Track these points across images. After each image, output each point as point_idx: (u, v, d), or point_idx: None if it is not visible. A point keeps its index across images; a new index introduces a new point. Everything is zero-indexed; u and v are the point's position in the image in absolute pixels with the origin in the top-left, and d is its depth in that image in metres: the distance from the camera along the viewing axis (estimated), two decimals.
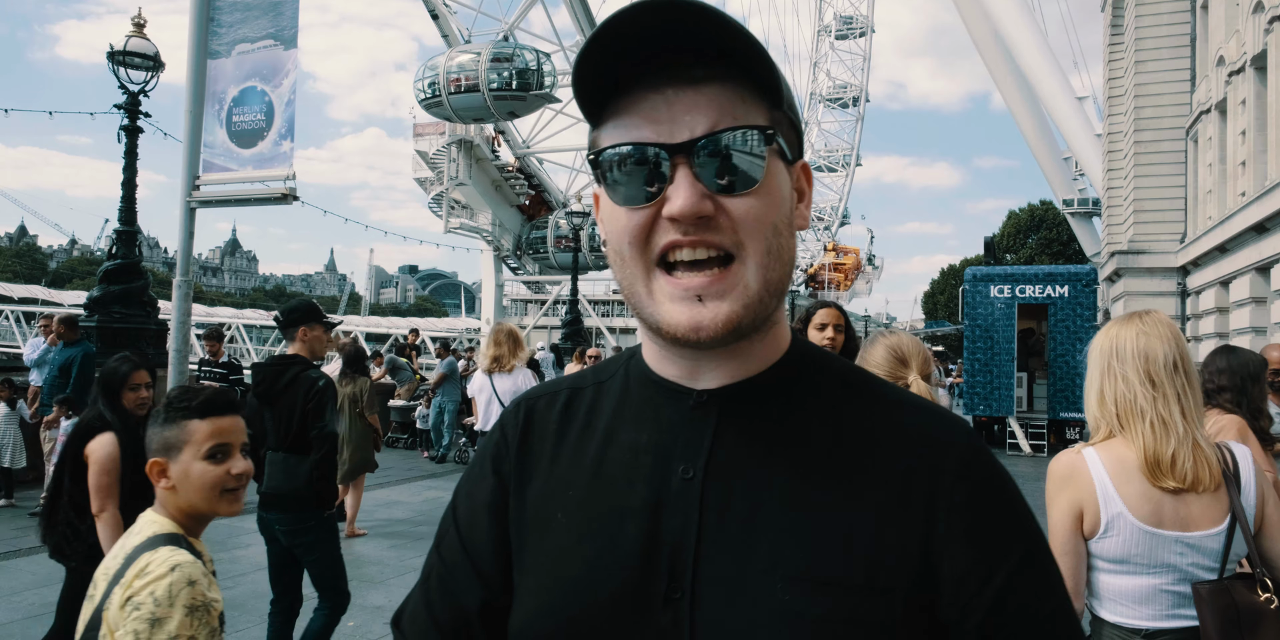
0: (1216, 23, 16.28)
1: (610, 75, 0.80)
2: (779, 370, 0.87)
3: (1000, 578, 0.77)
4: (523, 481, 0.92)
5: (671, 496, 0.82)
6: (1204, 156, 17.01)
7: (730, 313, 0.78)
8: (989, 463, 0.83)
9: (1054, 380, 14.67)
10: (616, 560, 0.82)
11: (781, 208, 0.81)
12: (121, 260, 11.49)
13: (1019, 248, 54.50)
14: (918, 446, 0.81)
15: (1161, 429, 1.99)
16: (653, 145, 0.78)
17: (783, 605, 0.75)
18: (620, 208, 0.81)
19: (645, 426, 0.88)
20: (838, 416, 0.84)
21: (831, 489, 0.79)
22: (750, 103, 0.80)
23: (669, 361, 0.88)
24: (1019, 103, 37.38)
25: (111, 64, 11.11)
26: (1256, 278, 13.17)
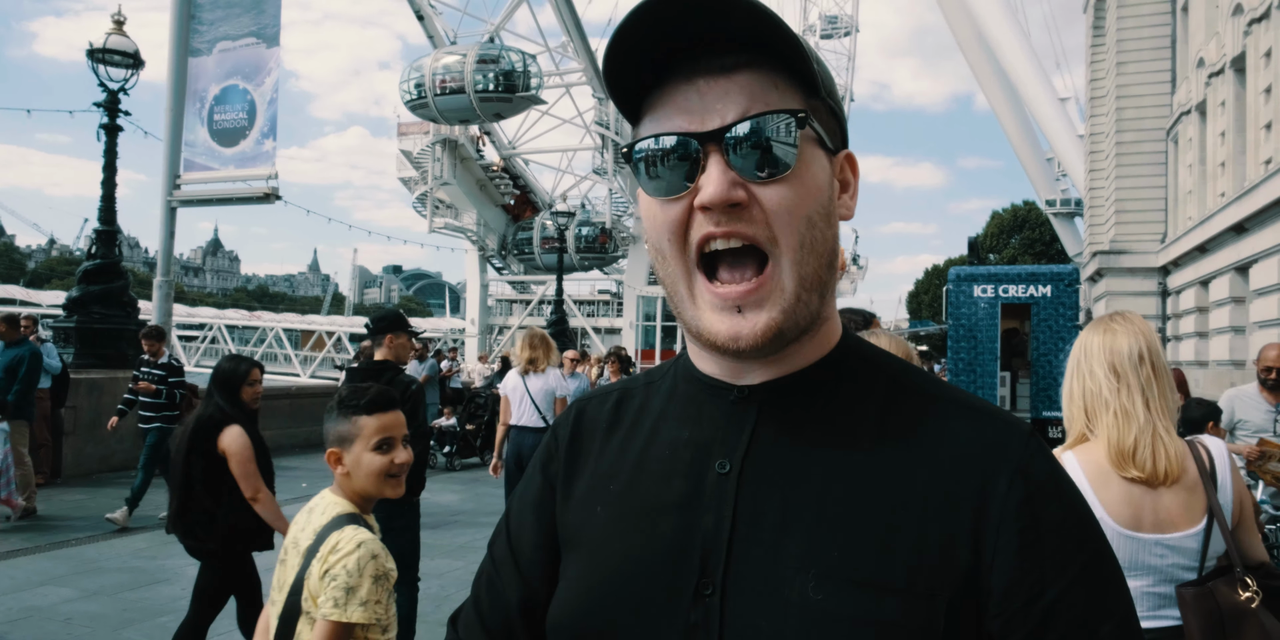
0: (1197, 25, 16.44)
1: (640, 71, 0.80)
2: (825, 366, 0.85)
3: (1052, 593, 0.72)
4: (570, 478, 0.94)
5: (707, 492, 0.81)
6: (1184, 157, 17.18)
7: (769, 321, 0.77)
8: (1047, 468, 0.78)
9: (1036, 379, 14.78)
10: (651, 554, 0.82)
11: (817, 198, 0.79)
12: (101, 260, 11.38)
13: (1002, 248, 54.87)
14: (970, 449, 0.77)
15: (1124, 419, 2.01)
16: (682, 134, 0.77)
17: (814, 605, 0.73)
18: (656, 201, 0.80)
19: (688, 423, 0.87)
20: (884, 415, 0.81)
21: (873, 488, 0.77)
22: (784, 90, 0.78)
23: (711, 361, 0.87)
24: (1002, 103, 37.65)
25: (91, 62, 11.00)
26: (1235, 277, 13.31)
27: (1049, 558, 0.73)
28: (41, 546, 6.84)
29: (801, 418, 0.82)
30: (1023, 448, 0.78)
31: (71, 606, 5.39)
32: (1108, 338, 2.09)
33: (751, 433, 0.82)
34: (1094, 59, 23.52)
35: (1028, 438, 0.79)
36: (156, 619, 5.19)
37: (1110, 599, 0.75)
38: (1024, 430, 0.80)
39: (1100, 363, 2.08)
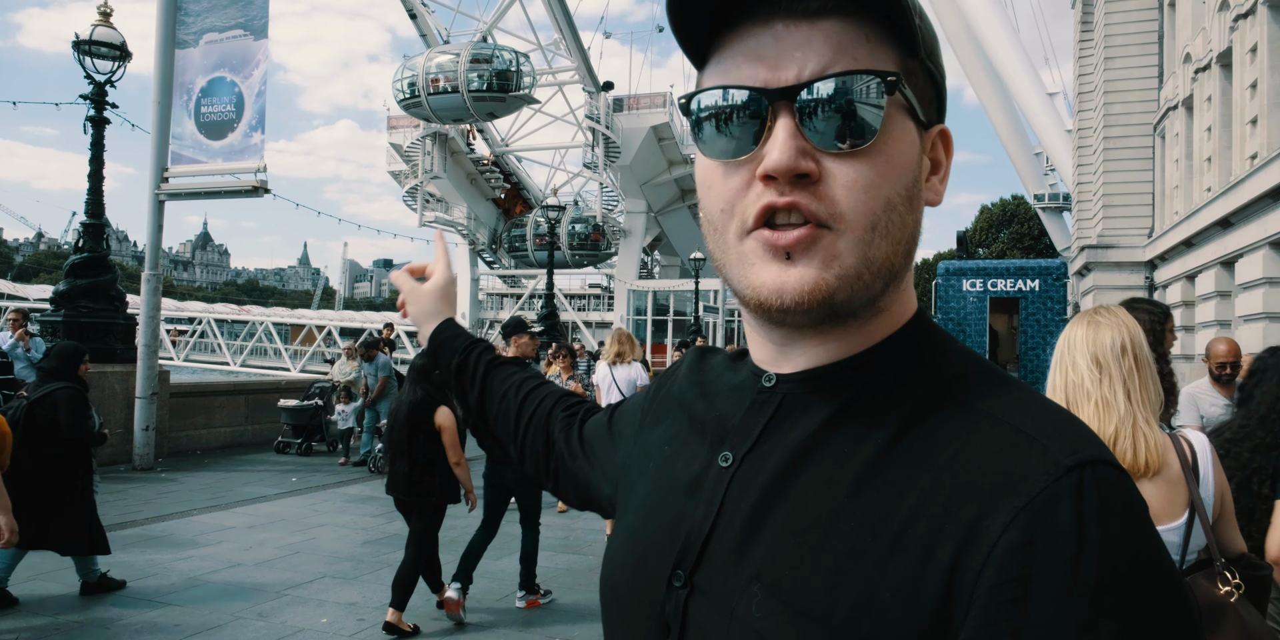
0: (1183, 20, 16.51)
1: (711, 6, 0.69)
2: (867, 361, 0.73)
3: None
4: (645, 427, 0.96)
5: (708, 482, 0.77)
6: (1171, 152, 17.26)
7: (819, 279, 0.67)
8: (1075, 510, 0.58)
9: (1024, 373, 14.88)
10: (656, 534, 0.80)
11: (900, 176, 0.69)
12: (89, 254, 11.30)
13: (991, 242, 55.07)
14: (982, 477, 0.62)
15: (1105, 409, 2.03)
16: (749, 88, 0.67)
17: (753, 622, 0.66)
18: (712, 163, 0.71)
19: (730, 404, 0.82)
20: (905, 426, 0.68)
21: (853, 505, 0.66)
22: (876, 44, 0.68)
23: (759, 344, 0.80)
24: (991, 98, 37.72)
25: (77, 54, 10.91)
26: (1221, 272, 13.40)
27: (1030, 627, 0.55)
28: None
29: (817, 417, 0.73)
30: (1048, 482, 0.59)
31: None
32: (1091, 330, 2.11)
33: (764, 427, 0.76)
34: (1082, 54, 23.59)
35: (1065, 471, 0.59)
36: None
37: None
38: (1065, 461, 0.60)
39: (1083, 354, 2.10)
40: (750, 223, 0.68)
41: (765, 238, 0.67)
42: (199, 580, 5.94)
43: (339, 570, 6.32)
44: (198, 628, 4.97)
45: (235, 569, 6.28)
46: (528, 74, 34.68)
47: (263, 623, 5.10)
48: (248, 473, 10.74)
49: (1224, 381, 5.08)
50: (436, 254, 1.36)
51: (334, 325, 47.82)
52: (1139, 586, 0.56)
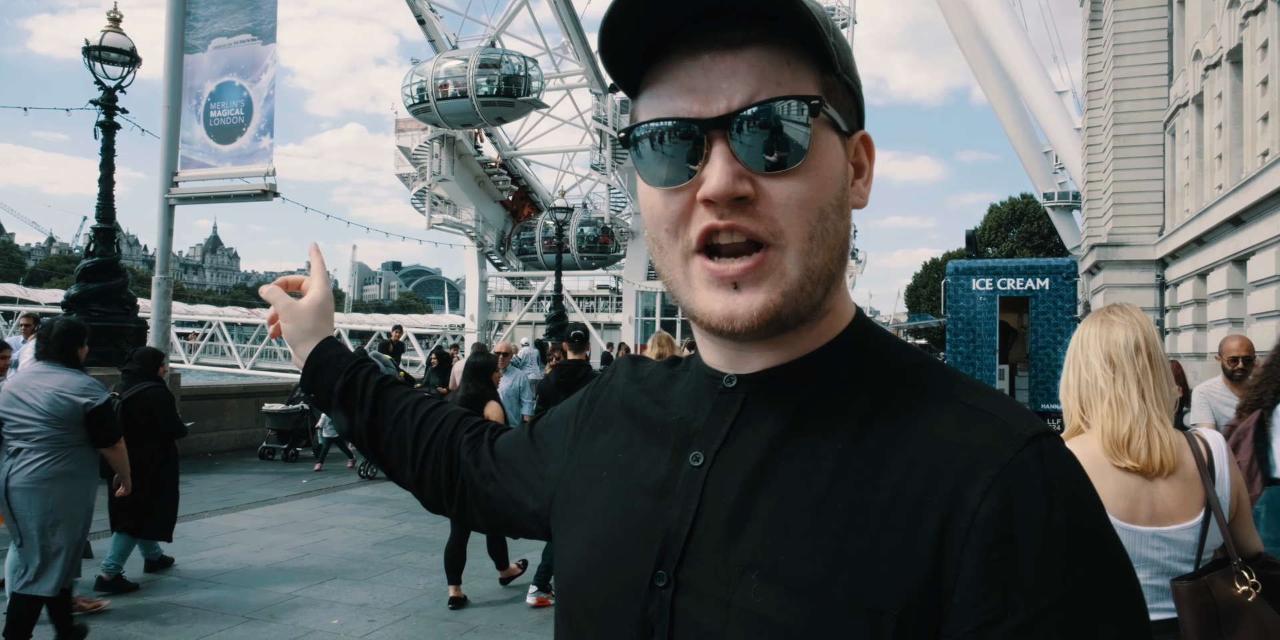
0: (1193, 17, 16.42)
1: (640, 41, 0.73)
2: (820, 359, 0.79)
3: (1013, 621, 0.62)
4: (590, 434, 0.96)
5: (680, 482, 0.80)
6: (1181, 150, 17.17)
7: (767, 302, 0.72)
8: (1043, 478, 0.66)
9: (1035, 372, 14.81)
10: (623, 538, 0.81)
11: (830, 188, 0.73)
12: (100, 258, 11.36)
13: (1000, 241, 54.85)
14: (954, 453, 0.68)
15: (1119, 408, 2.01)
16: (684, 120, 0.71)
17: (754, 608, 0.69)
18: (654, 189, 0.75)
19: (686, 407, 0.85)
20: (872, 414, 0.74)
21: (837, 491, 0.70)
22: (797, 67, 0.72)
23: (712, 349, 0.84)
24: (999, 97, 37.58)
25: (88, 59, 10.97)
26: (1233, 270, 13.32)
27: (1018, 580, 0.63)
28: None
29: (783, 412, 0.77)
30: (1014, 453, 0.67)
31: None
32: (1104, 329, 2.10)
33: (731, 426, 0.79)
34: (1091, 52, 23.48)
35: (1026, 442, 0.68)
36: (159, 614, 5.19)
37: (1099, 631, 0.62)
38: (1024, 433, 0.69)
39: (1096, 353, 2.08)
40: (694, 244, 0.73)
41: (711, 269, 0.72)
42: (210, 582, 5.96)
43: (350, 572, 6.33)
44: (209, 630, 4.98)
45: (246, 571, 6.30)
46: (536, 78, 34.79)
47: (274, 624, 5.12)
48: (258, 475, 10.78)
49: (1236, 379, 4.99)
50: (313, 269, 1.27)
51: (343, 327, 47.97)
52: (1096, 534, 0.66)
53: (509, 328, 40.17)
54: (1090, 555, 0.65)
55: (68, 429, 4.51)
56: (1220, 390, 5.08)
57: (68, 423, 4.50)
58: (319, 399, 1.22)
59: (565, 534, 0.91)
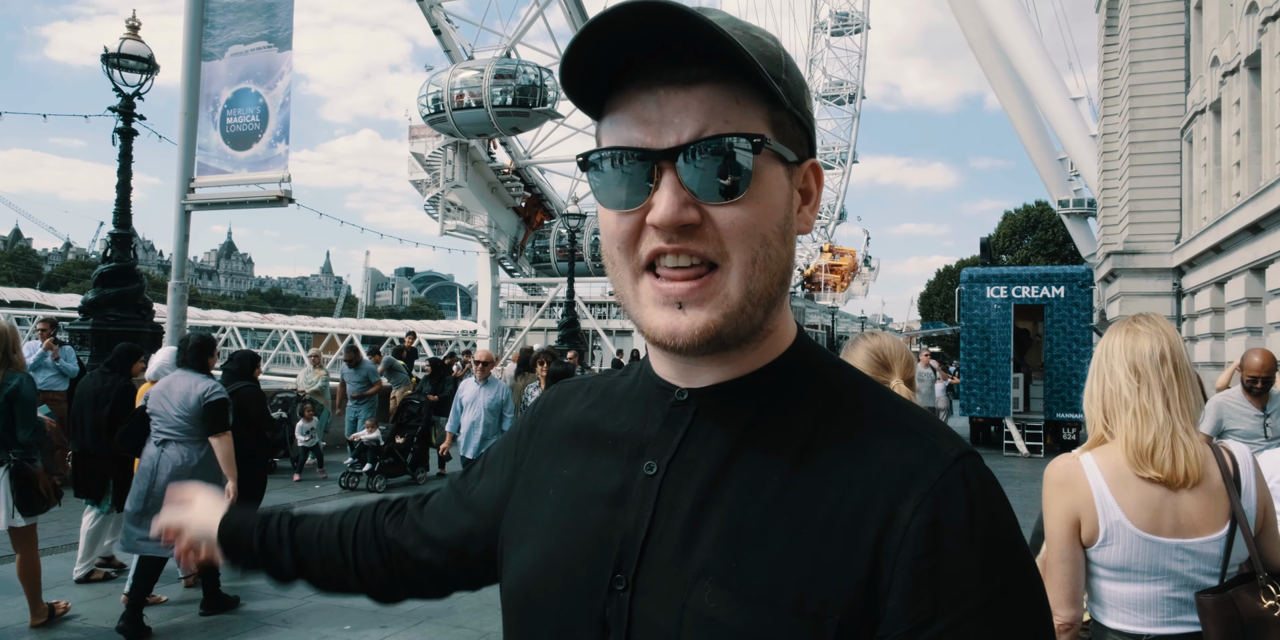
0: (1211, 23, 16.32)
1: (600, 75, 0.79)
2: (767, 375, 0.85)
3: (940, 624, 0.69)
4: (533, 456, 0.98)
5: (634, 490, 0.83)
6: (1199, 157, 17.05)
7: (708, 322, 0.77)
8: (965, 495, 0.73)
9: (1050, 381, 14.69)
10: (578, 546, 0.85)
11: (773, 217, 0.79)
12: (116, 263, 11.44)
13: (1015, 248, 54.58)
14: (885, 471, 0.75)
15: (1143, 418, 1.99)
16: (636, 150, 0.77)
17: (707, 613, 0.74)
18: (609, 211, 0.80)
19: (635, 419, 0.89)
20: (813, 430, 0.80)
21: (783, 503, 0.76)
22: (746, 104, 0.77)
23: (664, 361, 0.89)
24: (1014, 103, 37.45)
25: (106, 66, 11.07)
26: (1252, 278, 13.20)
27: (944, 587, 0.70)
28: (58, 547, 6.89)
29: (732, 424, 0.83)
30: (941, 472, 0.74)
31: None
32: (1130, 338, 2.07)
33: (683, 436, 0.84)
34: (1107, 58, 23.37)
35: (952, 462, 0.75)
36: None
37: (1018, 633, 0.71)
38: (950, 454, 0.76)
39: (1121, 363, 2.06)
40: (643, 262, 0.78)
41: (659, 288, 0.78)
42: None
43: None
44: (221, 634, 4.99)
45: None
46: (551, 88, 34.98)
47: (287, 629, 5.12)
48: (272, 479, 10.79)
49: (1256, 393, 4.98)
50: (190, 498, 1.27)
51: (356, 333, 48.14)
52: (1011, 546, 0.74)
53: (521, 334, 40.23)
54: (1006, 564, 0.73)
55: (198, 424, 5.28)
56: (1239, 400, 5.05)
57: (197, 419, 5.27)
58: (245, 565, 1.19)
59: (514, 554, 0.93)
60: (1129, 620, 2.01)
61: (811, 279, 70.19)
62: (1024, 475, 12.25)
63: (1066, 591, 2.01)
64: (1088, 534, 2.00)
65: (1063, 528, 2.02)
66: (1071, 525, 2.02)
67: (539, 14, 36.44)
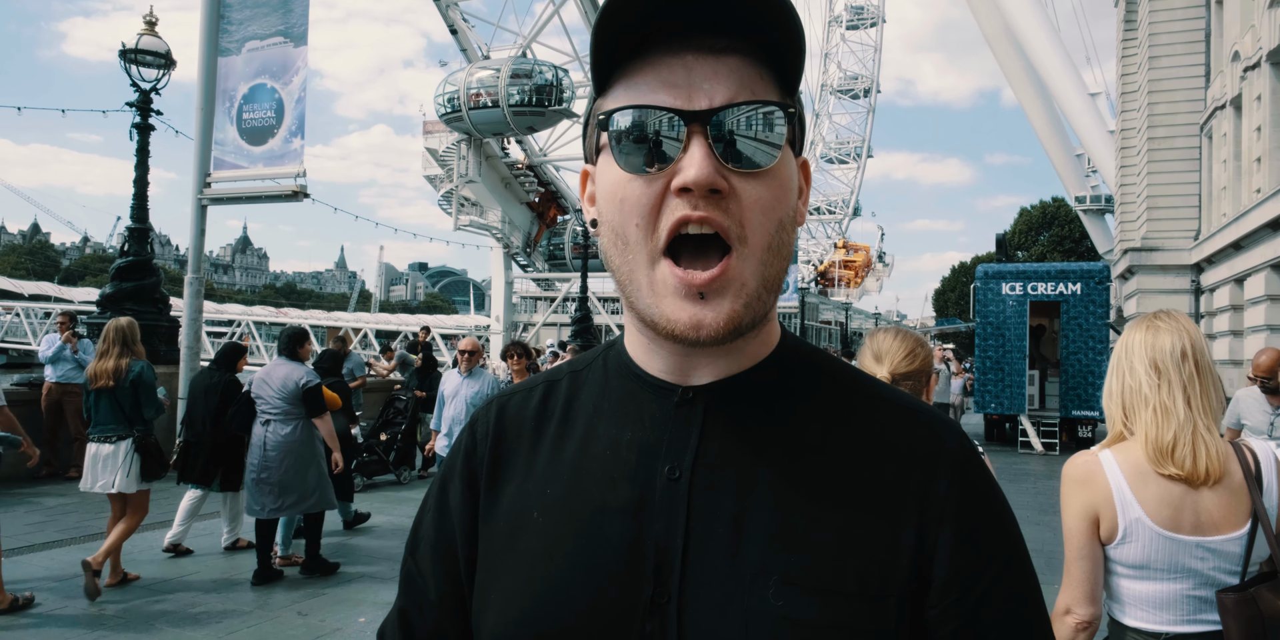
0: (1231, 17, 16.13)
1: (628, 36, 0.75)
2: (769, 367, 0.84)
3: (983, 585, 0.76)
4: (496, 480, 0.88)
5: (656, 497, 0.79)
6: (1218, 153, 16.87)
7: (731, 311, 0.74)
8: (980, 468, 0.81)
9: (1066, 378, 14.59)
10: (597, 564, 0.79)
11: (789, 200, 0.78)
12: (133, 257, 11.54)
13: (1031, 245, 54.26)
14: (912, 449, 0.79)
15: (1163, 415, 1.97)
16: (669, 110, 0.73)
17: (775, 610, 0.73)
18: (626, 178, 0.76)
19: (628, 423, 0.84)
20: (829, 416, 0.82)
21: (823, 491, 0.77)
22: (768, 83, 0.76)
23: (658, 356, 0.84)
24: (1031, 99, 37.19)
25: (123, 62, 11.15)
26: (1272, 275, 13.06)
27: (982, 552, 0.77)
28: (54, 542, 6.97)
29: (748, 420, 0.81)
30: (959, 448, 0.81)
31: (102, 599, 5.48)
32: (1150, 335, 2.05)
33: (700, 436, 0.80)
34: (1125, 53, 23.16)
35: (962, 438, 0.82)
36: (188, 610, 5.25)
37: (1030, 587, 0.80)
38: (959, 431, 0.83)
39: (1141, 359, 2.04)
40: (663, 241, 0.74)
41: (679, 276, 0.74)
42: (239, 577, 6.02)
43: (377, 571, 6.37)
44: (238, 626, 5.03)
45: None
46: (567, 88, 35.11)
47: (301, 620, 5.15)
48: None
49: (1271, 390, 5.05)
50: None
51: (370, 328, 48.38)
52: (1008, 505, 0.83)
53: (534, 329, 40.32)
54: (1013, 524, 0.82)
55: (295, 405, 6.17)
56: (1258, 397, 5.14)
57: (294, 400, 6.17)
58: None
59: (501, 595, 0.83)
60: (1148, 618, 1.99)
61: (825, 275, 70.00)
62: (1039, 472, 12.18)
63: (1086, 589, 1.99)
64: (1107, 531, 1.99)
65: (1081, 525, 2.01)
66: (1090, 522, 2.00)
67: (555, 13, 36.46)
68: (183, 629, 4.95)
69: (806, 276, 62.43)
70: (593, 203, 0.84)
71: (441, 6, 36.07)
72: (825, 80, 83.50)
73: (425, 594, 0.91)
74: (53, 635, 4.81)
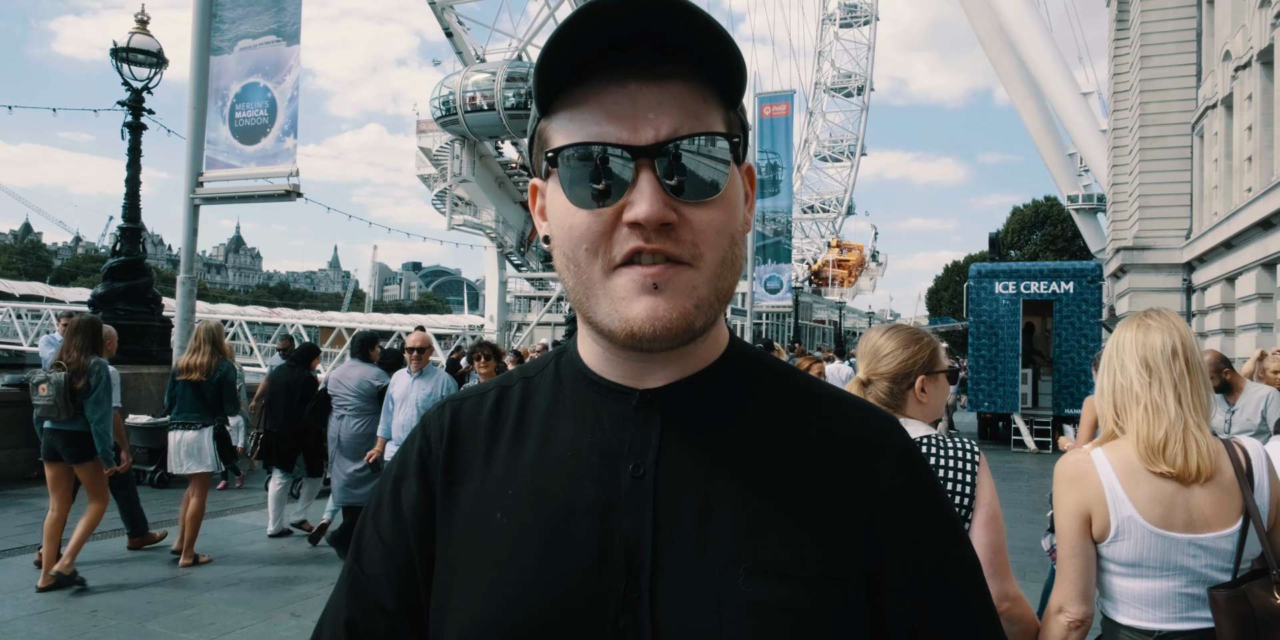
0: (1222, 17, 16.20)
1: (576, 59, 0.75)
2: (719, 369, 0.87)
3: (931, 564, 0.82)
4: (453, 482, 0.88)
5: (622, 495, 0.81)
6: (1209, 152, 16.94)
7: (684, 307, 0.76)
8: (918, 454, 0.88)
9: (1059, 377, 14.64)
10: (567, 563, 0.80)
11: (738, 216, 0.80)
12: (125, 257, 11.50)
13: (1023, 244, 54.42)
14: (858, 440, 0.85)
15: (1154, 413, 1.98)
16: (617, 146, 0.74)
17: (747, 599, 0.76)
18: (576, 210, 0.76)
19: (586, 426, 0.86)
20: (780, 413, 0.86)
21: (779, 484, 0.81)
22: (711, 104, 0.77)
23: (613, 363, 0.86)
24: (1023, 98, 37.30)
25: (115, 61, 11.11)
26: (1263, 274, 13.12)
27: (928, 534, 0.83)
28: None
29: (704, 419, 0.84)
30: (900, 438, 0.87)
31: (97, 599, 5.45)
32: (1141, 333, 2.06)
33: (660, 436, 0.83)
34: (1117, 52, 23.23)
35: (899, 428, 0.88)
36: (180, 612, 5.25)
37: (971, 563, 0.87)
38: (896, 422, 0.89)
39: (1132, 357, 2.05)
40: (618, 260, 0.76)
41: (634, 272, 0.75)
42: (233, 578, 6.00)
43: None
44: (231, 626, 5.01)
45: (269, 567, 6.34)
46: None
47: (295, 622, 5.14)
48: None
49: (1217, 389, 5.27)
50: None
51: (363, 327, 48.26)
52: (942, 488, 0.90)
53: (528, 328, 40.27)
54: (951, 508, 0.89)
55: (369, 402, 6.87)
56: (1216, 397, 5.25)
57: (368, 398, 6.88)
58: None
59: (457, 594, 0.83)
60: (1141, 616, 2.00)
61: (819, 274, 70.08)
62: (1032, 471, 12.22)
63: (1078, 587, 2.00)
64: (1099, 529, 2.00)
65: (1074, 523, 2.01)
66: (1083, 521, 2.01)
67: (550, 16, 36.46)
68: (175, 630, 4.94)
69: (801, 275, 62.49)
70: (543, 217, 0.85)
71: (437, 10, 36.10)
72: (819, 78, 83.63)
73: (378, 601, 0.88)
74: (49, 633, 4.79)
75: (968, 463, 2.03)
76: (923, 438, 2.12)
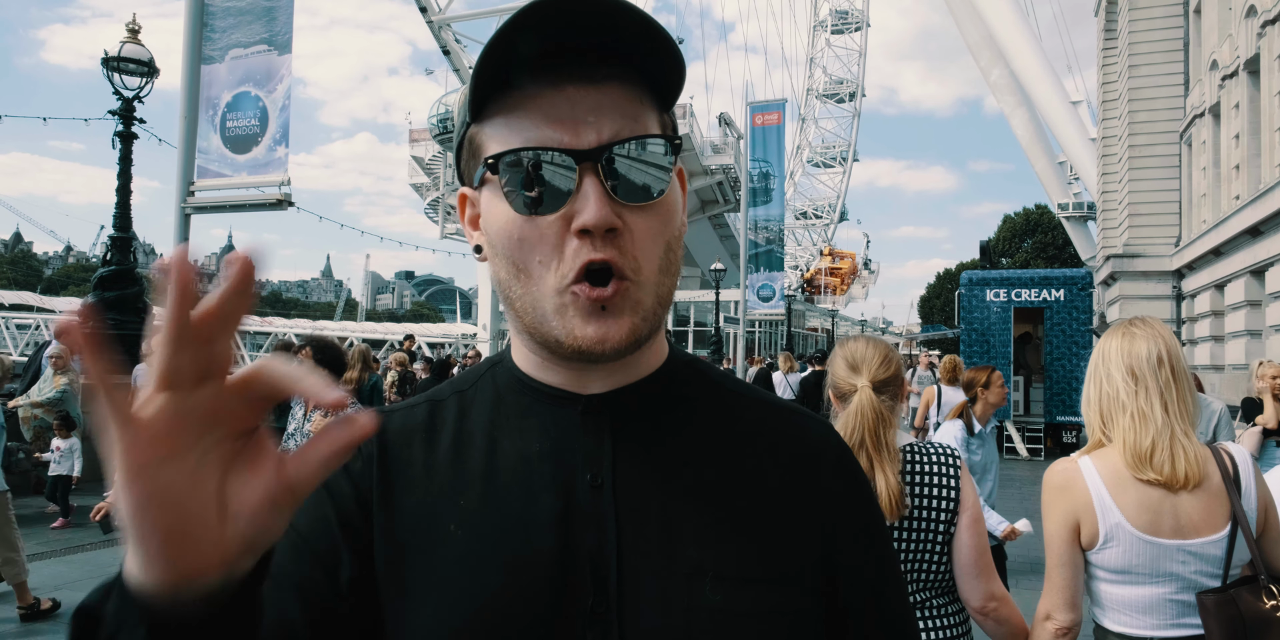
0: (1209, 27, 16.35)
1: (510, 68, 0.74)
2: (663, 375, 0.87)
3: (874, 563, 0.86)
4: (391, 491, 0.81)
5: (583, 506, 0.78)
6: (1198, 160, 17.07)
7: (632, 324, 0.75)
8: (854, 457, 0.92)
9: (1050, 384, 14.68)
10: (532, 576, 0.76)
11: (676, 220, 0.80)
12: (116, 266, 11.45)
13: (1014, 252, 54.64)
14: (800, 444, 0.87)
15: (1141, 421, 1.98)
16: (560, 150, 0.72)
17: (715, 606, 0.76)
18: (519, 218, 0.74)
19: (531, 435, 0.82)
20: (722, 419, 0.87)
21: (734, 490, 0.82)
22: (646, 106, 0.77)
23: (552, 371, 0.83)
24: (1013, 107, 37.51)
25: (106, 70, 11.08)
26: (1251, 281, 13.20)
27: (867, 535, 0.87)
28: (56, 551, 6.88)
29: (654, 426, 0.84)
30: (837, 442, 0.90)
31: None
32: (1126, 341, 2.07)
33: (612, 444, 0.81)
34: (1106, 62, 23.42)
35: (835, 434, 0.91)
36: None
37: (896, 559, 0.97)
38: (831, 427, 0.92)
39: (1118, 366, 2.05)
40: (571, 277, 0.73)
41: (585, 293, 0.74)
42: None
43: None
44: None
45: None
46: None
47: None
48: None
49: None
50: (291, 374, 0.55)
51: (356, 336, 48.07)
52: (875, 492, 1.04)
53: None
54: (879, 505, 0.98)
55: None
56: None
57: None
58: None
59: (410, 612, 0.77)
60: (1131, 623, 2.00)
61: (812, 282, 70.22)
62: (1025, 478, 12.23)
63: (1067, 595, 2.00)
64: (1088, 537, 2.00)
65: (1062, 532, 2.02)
66: (1071, 529, 2.01)
67: None
68: None
69: (793, 283, 62.64)
70: (475, 226, 0.84)
71: (434, 28, 36.29)
72: (811, 85, 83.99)
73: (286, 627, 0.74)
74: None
75: (950, 467, 2.13)
76: (906, 445, 2.13)
